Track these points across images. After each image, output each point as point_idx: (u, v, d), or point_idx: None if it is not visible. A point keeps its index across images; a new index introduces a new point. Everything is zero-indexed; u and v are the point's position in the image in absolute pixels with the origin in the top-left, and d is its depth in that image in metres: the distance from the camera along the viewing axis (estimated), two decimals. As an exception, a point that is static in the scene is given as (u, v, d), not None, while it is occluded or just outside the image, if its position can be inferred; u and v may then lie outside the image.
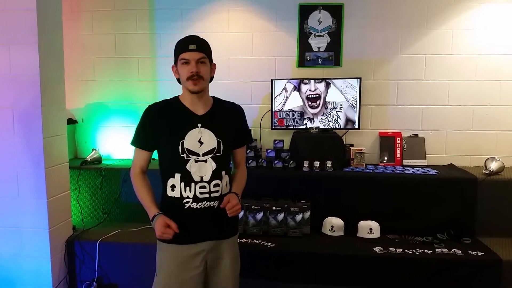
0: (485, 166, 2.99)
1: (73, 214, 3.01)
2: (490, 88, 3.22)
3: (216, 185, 1.83)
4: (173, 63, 1.89)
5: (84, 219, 3.14)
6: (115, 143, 3.55)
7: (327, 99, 3.24)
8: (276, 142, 3.19)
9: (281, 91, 3.28)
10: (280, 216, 2.82)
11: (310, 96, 3.25)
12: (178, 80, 1.89)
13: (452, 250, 2.57)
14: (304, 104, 3.26)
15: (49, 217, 2.60)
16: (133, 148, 1.92)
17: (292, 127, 3.29)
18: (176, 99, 1.91)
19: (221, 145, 1.85)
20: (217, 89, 3.32)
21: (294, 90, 3.26)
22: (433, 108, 3.29)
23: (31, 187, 2.57)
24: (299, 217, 2.80)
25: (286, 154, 3.13)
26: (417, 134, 3.31)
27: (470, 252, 2.54)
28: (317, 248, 2.63)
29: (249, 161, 3.08)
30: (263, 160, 3.13)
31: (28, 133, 2.54)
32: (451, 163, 3.26)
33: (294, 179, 3.00)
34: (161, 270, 1.86)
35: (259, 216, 2.83)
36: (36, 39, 2.46)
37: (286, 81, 3.26)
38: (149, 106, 1.89)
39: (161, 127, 1.83)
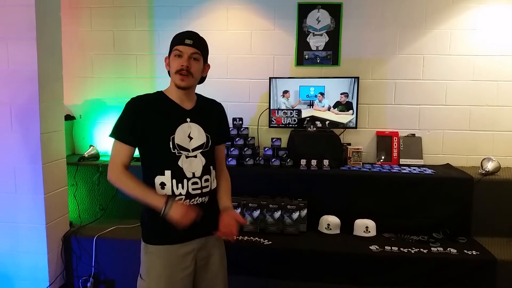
0: (482, 166, 3.00)
1: (70, 210, 3.01)
2: (488, 88, 3.23)
3: (206, 180, 1.79)
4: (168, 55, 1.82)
5: (81, 215, 3.14)
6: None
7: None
8: (274, 140, 3.20)
9: None
10: (277, 214, 2.83)
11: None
12: (169, 72, 1.83)
13: (448, 249, 2.58)
14: None
15: (46, 212, 2.61)
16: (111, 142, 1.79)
17: (289, 125, 3.30)
18: (161, 93, 1.82)
19: (209, 140, 1.81)
20: (215, 86, 3.37)
21: None
22: (430, 108, 3.31)
23: (28, 182, 2.58)
24: (295, 215, 2.81)
25: (283, 152, 3.14)
26: (414, 134, 3.32)
27: (465, 251, 2.56)
28: (313, 246, 2.64)
29: (247, 159, 3.09)
30: (260, 158, 3.14)
31: (26, 128, 2.54)
32: (448, 163, 3.28)
33: (291, 177, 3.01)
34: (149, 273, 1.76)
35: (256, 213, 2.84)
36: (34, 35, 2.47)
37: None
38: (134, 98, 1.77)
39: (148, 121, 1.73)
